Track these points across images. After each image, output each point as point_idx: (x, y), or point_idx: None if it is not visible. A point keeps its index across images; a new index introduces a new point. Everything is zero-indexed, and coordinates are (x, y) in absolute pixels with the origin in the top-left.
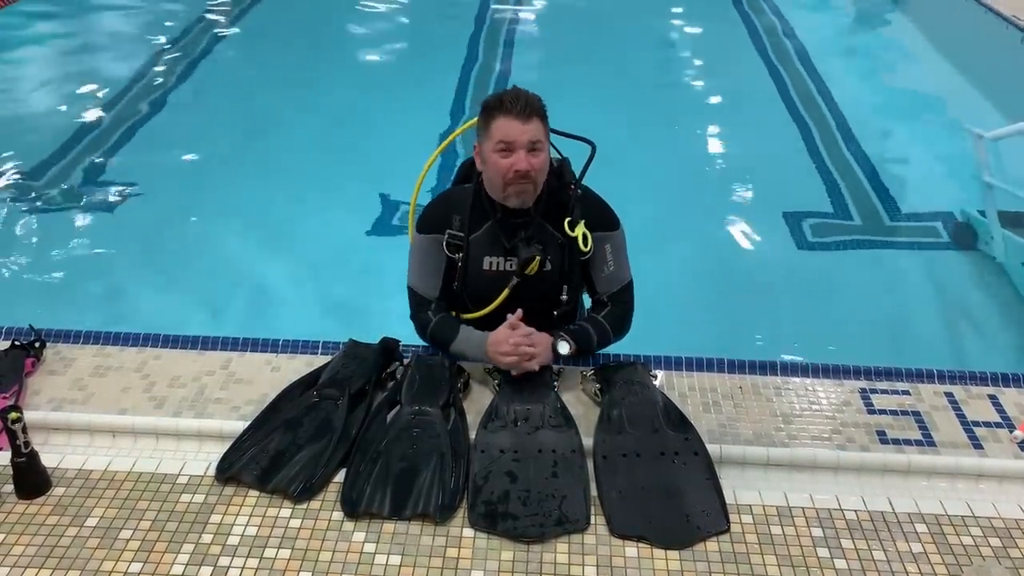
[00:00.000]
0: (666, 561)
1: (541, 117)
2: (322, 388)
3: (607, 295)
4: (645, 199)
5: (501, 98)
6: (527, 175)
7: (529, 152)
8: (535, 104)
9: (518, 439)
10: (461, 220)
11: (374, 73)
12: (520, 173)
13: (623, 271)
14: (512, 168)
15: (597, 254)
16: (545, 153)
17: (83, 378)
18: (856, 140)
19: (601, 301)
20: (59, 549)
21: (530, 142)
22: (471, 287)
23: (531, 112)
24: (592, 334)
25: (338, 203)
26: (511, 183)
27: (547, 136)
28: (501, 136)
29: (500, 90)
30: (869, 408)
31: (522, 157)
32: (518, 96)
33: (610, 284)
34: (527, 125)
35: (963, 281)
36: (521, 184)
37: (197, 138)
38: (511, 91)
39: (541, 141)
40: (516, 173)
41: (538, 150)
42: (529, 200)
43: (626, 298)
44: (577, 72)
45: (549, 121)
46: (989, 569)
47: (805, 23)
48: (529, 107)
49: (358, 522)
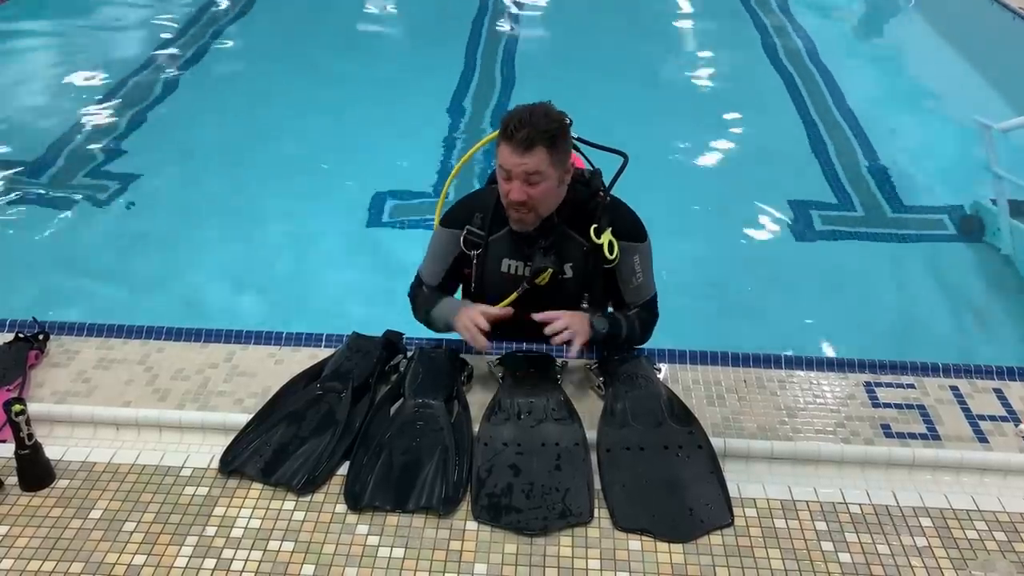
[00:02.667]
0: (669, 554)
1: (548, 146)
2: (325, 381)
3: (634, 306)
4: (648, 192)
5: (508, 121)
6: (523, 204)
7: (525, 183)
8: (540, 133)
9: (522, 432)
10: (483, 219)
11: (378, 66)
12: (513, 203)
13: (650, 283)
14: (507, 195)
15: (625, 265)
16: (548, 182)
17: (87, 371)
18: (862, 132)
19: (628, 311)
20: (63, 541)
21: (525, 174)
22: (487, 286)
23: (532, 143)
24: (623, 324)
25: (342, 196)
26: (510, 207)
27: (560, 163)
28: (501, 162)
29: (522, 105)
30: (874, 401)
31: (516, 187)
32: (522, 124)
33: (638, 295)
34: (523, 158)
35: (969, 273)
36: (518, 212)
37: (201, 132)
38: (521, 114)
39: (540, 173)
40: (511, 202)
41: (536, 182)
42: (528, 227)
43: (653, 309)
44: (578, 70)
45: (577, 131)
46: (994, 563)
47: (811, 16)
48: (531, 138)
49: (361, 515)
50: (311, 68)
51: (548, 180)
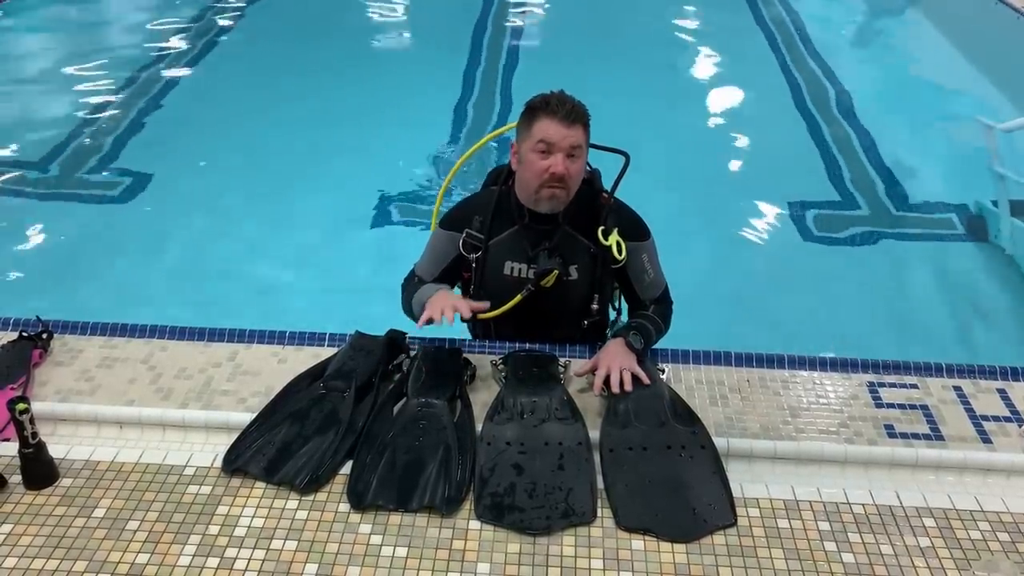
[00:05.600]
0: (672, 554)
1: (584, 125)
2: (328, 380)
3: (650, 301)
4: (652, 192)
5: (547, 99)
6: (562, 179)
7: (567, 157)
8: (580, 111)
9: (524, 431)
10: (482, 222)
11: (385, 66)
12: (556, 176)
13: (661, 277)
14: (548, 169)
15: (635, 264)
16: (582, 161)
17: (90, 369)
18: (865, 131)
19: (645, 307)
20: (66, 540)
21: (571, 147)
22: (489, 289)
23: (576, 118)
24: (651, 328)
25: (346, 196)
26: (545, 185)
27: (587, 145)
28: (543, 136)
29: (545, 92)
30: (877, 402)
31: (560, 160)
32: (564, 100)
33: (653, 290)
34: (570, 130)
35: (972, 273)
36: (554, 188)
37: (207, 132)
38: (557, 94)
39: (581, 147)
40: (552, 175)
41: (576, 156)
42: (560, 205)
43: (668, 299)
44: (579, 68)
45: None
46: (997, 564)
47: (816, 15)
48: (574, 113)
49: (364, 514)
50: (313, 68)
51: (581, 159)
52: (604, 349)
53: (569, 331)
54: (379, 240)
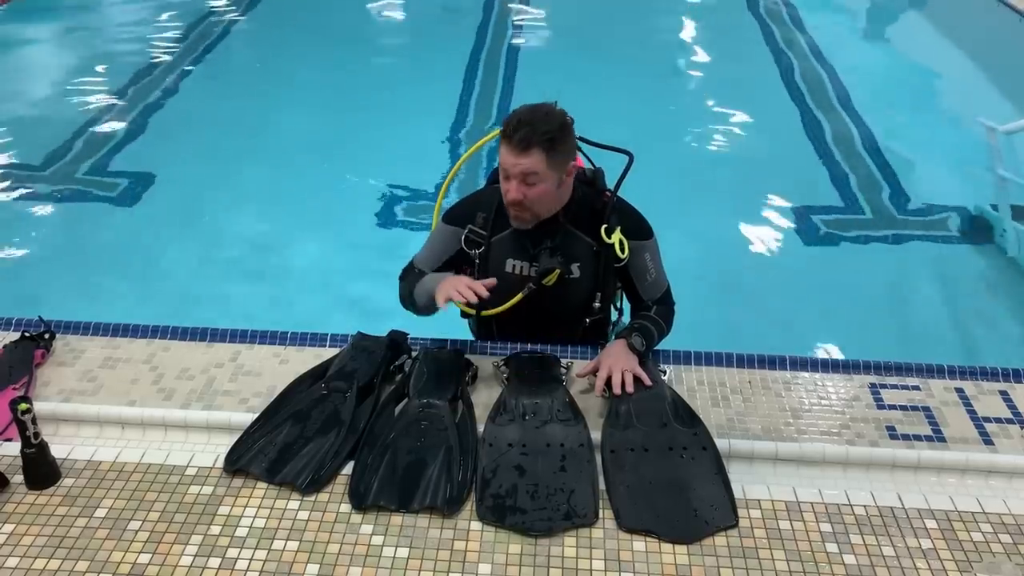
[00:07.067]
0: (674, 555)
1: (545, 148)
2: (330, 381)
3: (652, 301)
4: (655, 193)
5: (509, 120)
6: (519, 203)
7: (522, 183)
8: (539, 134)
9: (526, 433)
10: (485, 218)
11: (385, 66)
12: (511, 202)
13: (663, 276)
14: (506, 193)
15: (638, 263)
16: (545, 184)
17: (92, 369)
18: (868, 133)
19: (647, 307)
20: (68, 540)
21: (522, 174)
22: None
23: (529, 145)
24: (653, 329)
25: (347, 196)
26: (509, 205)
27: (559, 165)
28: (500, 161)
29: (525, 105)
30: (879, 403)
31: (513, 187)
32: (521, 124)
33: (655, 290)
34: (520, 158)
35: (974, 275)
36: (515, 210)
37: (208, 131)
38: (522, 115)
39: (537, 174)
40: (507, 201)
41: (532, 183)
42: (526, 224)
43: (670, 300)
44: (582, 71)
45: (578, 131)
46: (999, 565)
47: (818, 18)
48: (528, 140)
49: (366, 515)
50: (316, 69)
51: (545, 182)
52: (606, 350)
53: (571, 329)
54: (382, 240)
